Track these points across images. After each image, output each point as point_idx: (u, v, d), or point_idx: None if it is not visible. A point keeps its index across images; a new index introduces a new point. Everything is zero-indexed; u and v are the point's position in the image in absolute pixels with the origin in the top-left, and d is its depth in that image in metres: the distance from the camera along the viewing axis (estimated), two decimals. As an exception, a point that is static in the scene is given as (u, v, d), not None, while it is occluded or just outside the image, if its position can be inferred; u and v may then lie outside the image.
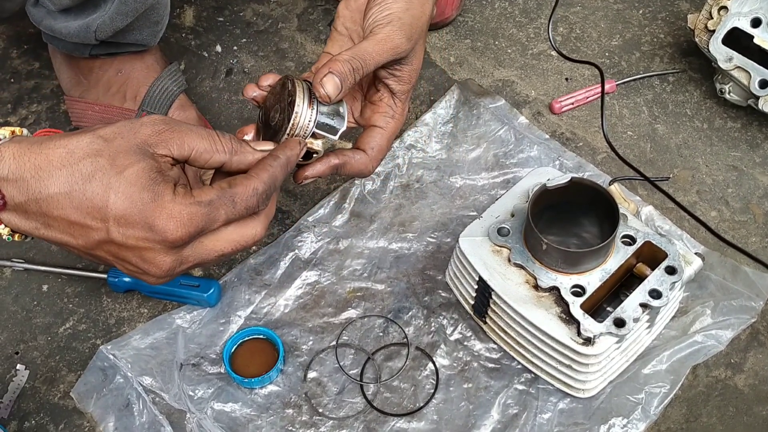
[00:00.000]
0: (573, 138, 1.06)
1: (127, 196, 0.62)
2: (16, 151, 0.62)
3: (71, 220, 0.62)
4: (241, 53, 1.16)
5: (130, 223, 0.62)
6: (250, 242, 0.68)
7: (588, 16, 1.19)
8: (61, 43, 1.00)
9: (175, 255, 0.64)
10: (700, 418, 0.85)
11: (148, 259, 0.64)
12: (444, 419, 0.84)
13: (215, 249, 0.66)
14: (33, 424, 0.86)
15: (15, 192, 0.62)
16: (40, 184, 0.61)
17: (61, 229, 0.63)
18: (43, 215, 0.63)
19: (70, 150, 0.62)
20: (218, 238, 0.66)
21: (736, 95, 1.05)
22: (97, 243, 0.63)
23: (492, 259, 0.83)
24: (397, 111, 0.80)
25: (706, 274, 0.91)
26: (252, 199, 0.66)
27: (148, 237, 0.62)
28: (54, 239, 0.64)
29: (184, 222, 0.63)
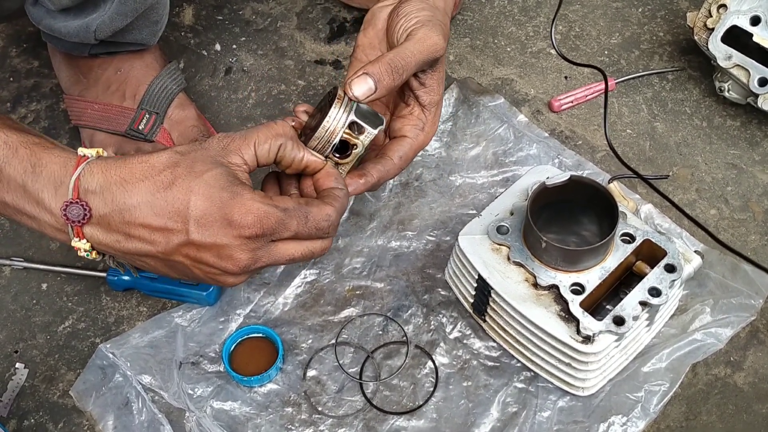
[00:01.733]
0: (572, 136, 1.06)
1: (207, 196, 0.65)
2: (104, 167, 0.66)
3: (153, 226, 0.65)
4: (240, 52, 1.16)
5: (210, 222, 0.65)
6: (318, 252, 0.71)
7: (587, 15, 1.19)
8: (60, 43, 1.00)
9: (251, 252, 0.67)
10: (700, 416, 0.85)
11: (225, 255, 0.66)
12: (443, 417, 0.84)
13: (287, 253, 0.69)
14: (32, 423, 0.86)
15: (100, 204, 0.65)
16: (125, 194, 0.65)
17: (142, 237, 0.66)
18: (125, 225, 0.65)
19: (150, 164, 0.66)
20: (289, 245, 0.69)
21: (735, 93, 1.05)
22: (176, 247, 0.66)
23: (491, 258, 0.83)
24: (428, 124, 0.81)
25: (705, 272, 0.91)
26: (323, 223, 0.70)
27: (227, 233, 0.65)
28: (134, 250, 0.67)
29: (260, 217, 0.66)
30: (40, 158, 0.66)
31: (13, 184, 0.65)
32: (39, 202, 0.65)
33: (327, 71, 1.14)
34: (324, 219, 0.70)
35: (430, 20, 0.77)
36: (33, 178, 0.65)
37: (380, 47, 0.82)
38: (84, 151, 0.67)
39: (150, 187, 0.65)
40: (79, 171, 0.65)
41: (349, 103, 0.74)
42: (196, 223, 0.65)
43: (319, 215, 0.70)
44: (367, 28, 0.82)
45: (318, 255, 0.72)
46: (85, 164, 0.66)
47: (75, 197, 0.65)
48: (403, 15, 0.78)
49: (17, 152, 0.65)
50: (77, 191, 0.65)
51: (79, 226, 0.65)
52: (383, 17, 0.81)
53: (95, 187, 0.65)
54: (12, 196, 0.66)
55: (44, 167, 0.65)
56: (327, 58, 1.15)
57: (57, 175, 0.65)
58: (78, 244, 0.66)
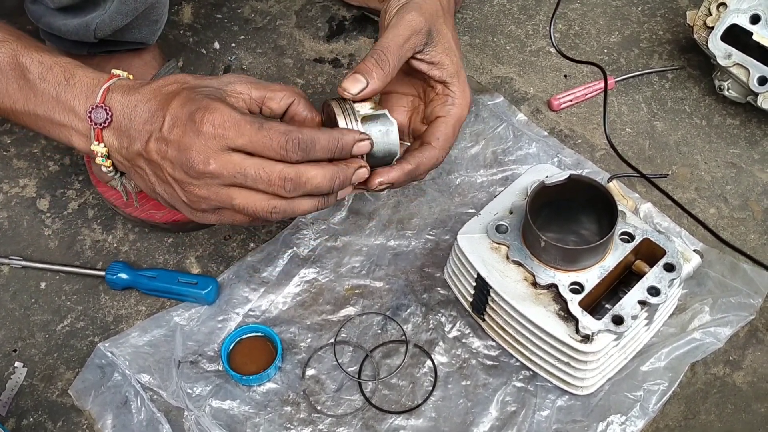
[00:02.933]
0: (572, 135, 1.06)
1: (187, 99, 0.70)
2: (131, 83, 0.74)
3: (143, 125, 0.71)
4: (239, 50, 1.16)
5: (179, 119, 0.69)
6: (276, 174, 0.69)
7: (587, 13, 1.19)
8: (59, 41, 1.00)
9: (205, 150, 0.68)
10: (699, 415, 0.85)
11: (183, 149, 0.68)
12: (442, 416, 0.84)
13: (241, 164, 0.69)
14: (31, 422, 0.86)
15: (119, 109, 0.72)
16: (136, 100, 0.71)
17: (135, 137, 0.71)
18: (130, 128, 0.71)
19: (165, 79, 0.73)
20: (246, 158, 0.69)
21: (734, 92, 1.05)
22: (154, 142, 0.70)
23: (490, 257, 0.83)
24: (457, 97, 0.81)
25: (704, 271, 0.90)
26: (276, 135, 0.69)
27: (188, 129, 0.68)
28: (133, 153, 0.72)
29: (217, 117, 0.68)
30: (73, 74, 0.73)
31: (46, 96, 0.73)
32: (70, 109, 0.73)
33: (326, 69, 1.14)
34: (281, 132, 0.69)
35: (407, 3, 0.78)
36: (66, 89, 0.72)
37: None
38: (117, 71, 0.74)
39: (154, 94, 0.71)
40: (110, 83, 0.72)
41: (350, 110, 0.75)
42: (169, 118, 0.69)
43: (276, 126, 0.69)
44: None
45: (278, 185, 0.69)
46: (117, 80, 0.73)
47: (102, 101, 0.71)
48: (387, 11, 0.79)
49: (52, 70, 0.73)
50: (104, 97, 0.72)
51: (100, 129, 0.72)
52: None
53: (119, 95, 0.72)
54: (44, 107, 0.73)
55: (78, 80, 0.73)
56: (326, 56, 1.15)
57: (89, 86, 0.73)
58: (96, 147, 0.72)
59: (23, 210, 1.00)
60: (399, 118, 0.85)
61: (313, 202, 0.72)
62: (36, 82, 0.73)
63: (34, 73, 0.73)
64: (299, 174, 0.70)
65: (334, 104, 0.75)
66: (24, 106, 0.74)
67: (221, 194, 0.70)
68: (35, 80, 0.73)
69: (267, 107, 0.75)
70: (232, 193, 0.70)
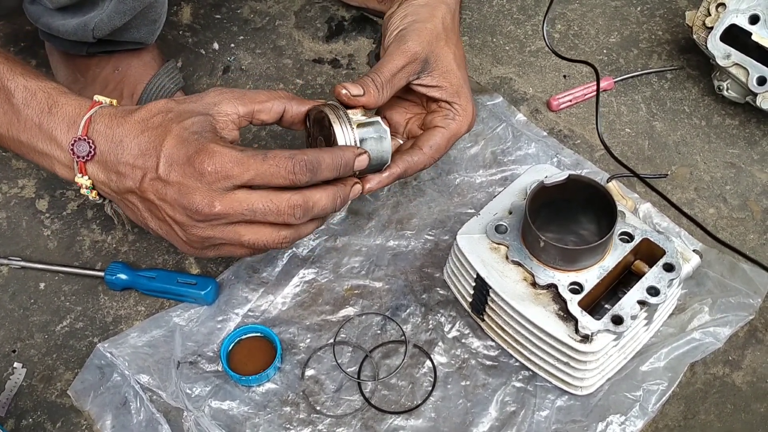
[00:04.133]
0: (571, 135, 1.06)
1: (180, 138, 0.69)
2: (113, 111, 0.72)
3: (133, 163, 0.70)
4: (238, 50, 1.16)
5: (176, 159, 0.68)
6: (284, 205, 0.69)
7: (586, 13, 1.19)
8: (58, 41, 1.00)
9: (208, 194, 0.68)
10: (698, 415, 0.85)
11: (184, 192, 0.68)
12: (442, 417, 0.84)
13: (248, 200, 0.69)
14: (30, 423, 0.86)
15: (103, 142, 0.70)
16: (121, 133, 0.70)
17: (125, 173, 0.70)
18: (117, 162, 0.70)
19: (148, 108, 0.72)
20: (251, 193, 0.69)
21: (734, 92, 1.05)
22: (149, 182, 0.69)
23: (490, 257, 0.83)
24: (458, 114, 0.83)
25: (704, 271, 0.90)
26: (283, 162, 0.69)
27: (188, 171, 0.68)
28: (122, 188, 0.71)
29: (216, 159, 0.68)
30: (56, 101, 0.72)
31: (29, 123, 0.71)
32: (52, 139, 0.71)
33: (325, 70, 1.14)
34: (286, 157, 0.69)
35: (405, 27, 0.79)
36: (49, 117, 0.71)
37: None
38: (99, 97, 0.73)
39: (141, 127, 0.70)
40: (92, 112, 0.71)
41: (345, 116, 0.75)
42: (165, 159, 0.68)
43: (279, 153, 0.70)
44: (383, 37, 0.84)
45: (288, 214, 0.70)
46: (99, 107, 0.72)
47: (84, 134, 0.70)
48: (388, 28, 0.80)
49: (35, 95, 0.71)
50: (86, 129, 0.70)
51: (83, 162, 0.70)
52: None
53: (102, 127, 0.70)
54: (28, 134, 0.72)
55: (60, 108, 0.71)
56: (325, 57, 1.15)
57: (71, 116, 0.71)
58: (81, 180, 0.71)
59: (22, 210, 1.00)
60: (397, 118, 0.86)
61: (316, 224, 0.75)
62: (20, 108, 0.71)
63: (18, 98, 0.71)
64: (306, 200, 0.71)
65: (328, 110, 0.75)
66: (8, 131, 0.72)
67: (227, 233, 0.70)
68: (19, 105, 0.71)
69: (258, 120, 0.75)
70: (239, 230, 0.70)
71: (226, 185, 0.68)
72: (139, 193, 0.70)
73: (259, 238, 0.71)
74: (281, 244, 0.72)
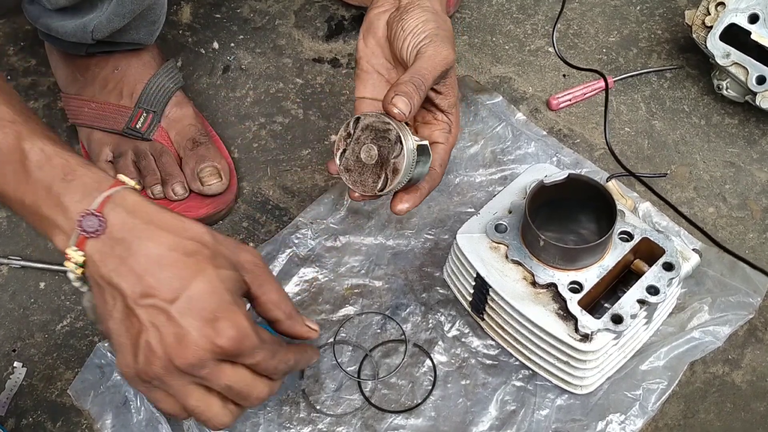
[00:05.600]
0: (570, 134, 1.06)
1: (213, 287, 0.64)
2: (138, 199, 0.66)
3: (149, 274, 0.63)
4: (238, 50, 1.16)
5: (198, 308, 0.63)
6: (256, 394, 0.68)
7: (585, 13, 1.19)
8: (57, 42, 1.00)
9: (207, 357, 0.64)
10: (698, 414, 0.85)
11: (182, 342, 0.63)
12: (442, 416, 0.84)
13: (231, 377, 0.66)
14: (30, 422, 0.86)
15: (117, 228, 0.64)
16: (144, 233, 0.64)
17: (129, 276, 0.63)
18: (126, 257, 0.63)
19: (183, 225, 0.65)
20: (236, 371, 0.66)
21: (733, 91, 1.05)
22: (152, 302, 0.63)
23: (489, 256, 0.83)
24: (453, 125, 0.83)
25: (703, 271, 0.91)
26: (281, 366, 0.69)
27: (202, 327, 0.63)
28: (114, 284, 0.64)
29: (241, 336, 0.64)
30: (74, 170, 0.66)
31: (38, 186, 0.65)
32: (59, 204, 0.65)
33: (325, 69, 1.14)
34: (284, 361, 0.70)
35: (437, 34, 0.77)
36: (62, 184, 0.65)
37: (384, 55, 0.82)
38: (124, 177, 0.67)
39: (171, 243, 0.64)
40: (114, 191, 0.65)
41: (409, 135, 0.75)
42: (186, 300, 0.63)
43: (284, 356, 0.70)
44: (367, 37, 0.82)
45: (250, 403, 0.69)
46: (122, 188, 0.66)
47: (99, 210, 0.64)
48: (410, 31, 0.77)
49: (51, 161, 0.66)
50: (102, 206, 0.64)
51: (86, 237, 0.64)
52: (382, 25, 0.81)
53: (122, 213, 0.64)
54: (33, 197, 0.66)
55: (77, 178, 0.65)
56: (325, 56, 1.15)
57: (88, 188, 0.65)
58: (72, 253, 0.64)
59: (22, 210, 1.00)
60: None
61: None
62: (32, 170, 0.65)
63: (32, 160, 0.65)
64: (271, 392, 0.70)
65: (395, 125, 0.74)
66: (14, 192, 0.66)
67: (181, 389, 0.66)
68: (32, 167, 0.65)
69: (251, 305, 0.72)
70: (193, 392, 0.66)
71: (225, 356, 0.65)
72: (129, 303, 0.64)
73: (204, 410, 0.67)
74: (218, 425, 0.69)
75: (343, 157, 0.76)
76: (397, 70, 0.82)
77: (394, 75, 0.82)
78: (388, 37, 0.81)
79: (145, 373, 0.65)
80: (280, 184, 1.03)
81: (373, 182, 0.76)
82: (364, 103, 0.82)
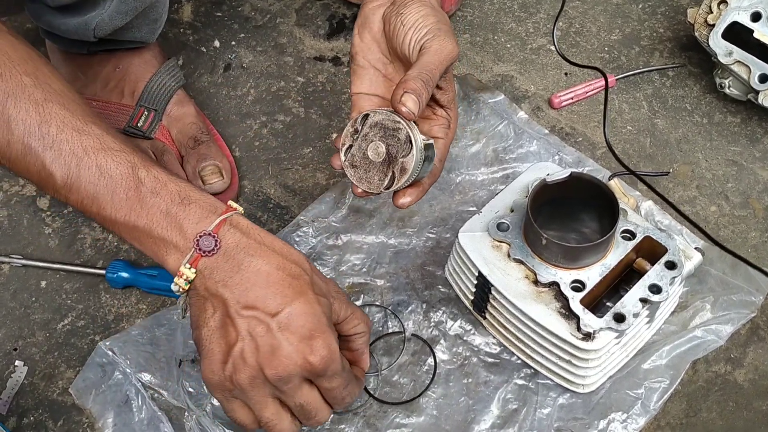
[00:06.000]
0: (572, 133, 1.06)
1: (313, 309, 0.68)
2: (249, 223, 0.71)
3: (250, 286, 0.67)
4: (239, 48, 1.16)
5: (297, 325, 0.67)
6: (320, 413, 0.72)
7: (587, 11, 1.19)
8: (59, 40, 1.00)
9: (296, 372, 0.68)
10: (700, 413, 0.85)
11: (279, 355, 0.67)
12: (443, 414, 0.84)
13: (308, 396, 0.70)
14: (32, 421, 0.86)
15: (231, 247, 0.68)
16: (255, 252, 0.68)
17: (235, 289, 0.67)
18: (233, 272, 0.68)
19: (290, 250, 0.71)
20: (312, 391, 0.71)
21: (735, 90, 1.05)
22: (254, 314, 0.67)
23: (491, 255, 0.83)
24: (452, 119, 0.83)
25: (705, 269, 0.90)
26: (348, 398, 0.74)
27: (298, 343, 0.67)
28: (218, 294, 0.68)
29: (331, 357, 0.68)
30: (189, 195, 0.69)
31: (154, 210, 0.68)
32: (177, 226, 0.68)
33: (326, 68, 1.14)
34: (351, 394, 0.74)
35: (439, 28, 0.77)
36: (180, 207, 0.68)
37: (380, 50, 0.81)
38: (233, 204, 0.71)
39: (278, 263, 0.68)
40: (229, 215, 0.69)
41: (417, 135, 0.75)
42: (288, 314, 0.67)
43: (354, 388, 0.74)
44: (363, 32, 0.81)
45: (311, 423, 0.73)
46: (235, 213, 0.70)
47: (215, 231, 0.68)
48: (411, 26, 0.77)
49: (167, 186, 0.69)
50: (219, 228, 0.68)
51: (201, 256, 0.67)
52: (377, 19, 0.81)
53: (237, 234, 0.69)
54: (147, 220, 0.68)
55: (193, 202, 0.69)
56: (326, 54, 1.15)
57: (204, 211, 0.69)
58: (186, 271, 0.68)
59: (23, 209, 1.00)
60: None
61: None
62: (146, 196, 0.69)
63: (147, 186, 0.69)
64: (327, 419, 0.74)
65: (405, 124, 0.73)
66: (125, 217, 0.69)
67: (261, 400, 0.70)
68: (146, 193, 0.69)
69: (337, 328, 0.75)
70: (270, 405, 0.70)
71: (308, 375, 0.69)
72: (229, 313, 0.68)
73: (277, 423, 0.71)
74: None
75: (349, 152, 0.76)
76: (394, 65, 0.82)
77: (391, 70, 0.82)
78: (385, 31, 0.80)
79: (230, 380, 0.68)
80: (282, 182, 1.03)
81: (380, 180, 0.75)
82: (361, 98, 0.81)
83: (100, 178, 0.68)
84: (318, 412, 0.72)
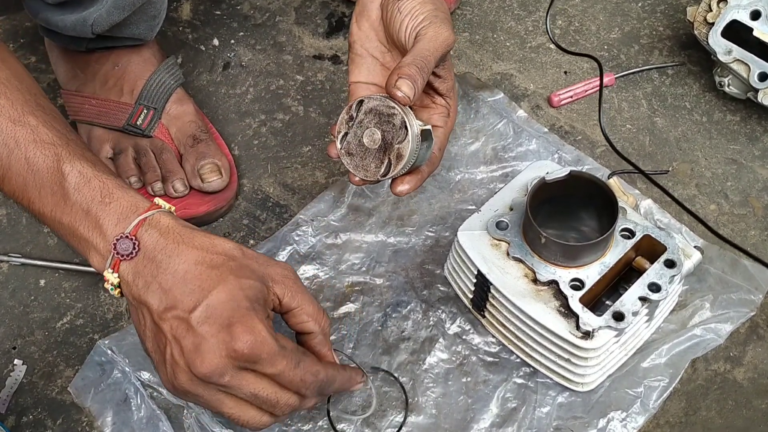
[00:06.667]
0: (572, 131, 1.06)
1: (231, 295, 0.65)
2: (172, 222, 0.68)
3: (168, 288, 0.66)
4: (238, 47, 1.16)
5: (215, 315, 0.65)
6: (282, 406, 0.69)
7: (587, 9, 1.19)
8: (57, 37, 1.00)
9: (224, 363, 0.65)
10: (699, 411, 0.85)
11: (201, 350, 0.64)
12: (443, 413, 0.84)
13: (252, 385, 0.67)
14: (31, 419, 0.86)
15: (149, 249, 0.66)
16: (173, 251, 0.66)
17: (157, 292, 0.66)
18: (154, 276, 0.66)
19: (212, 242, 0.68)
20: (260, 379, 0.67)
21: (735, 88, 1.05)
22: (175, 315, 0.65)
23: (491, 253, 0.83)
24: (451, 108, 0.82)
25: (705, 268, 0.90)
26: (308, 377, 0.69)
27: (219, 334, 0.64)
28: (143, 300, 0.67)
29: (255, 343, 0.65)
30: (111, 192, 0.68)
31: (76, 207, 0.67)
32: (97, 227, 0.67)
33: (325, 66, 1.14)
34: (312, 373, 0.69)
35: (436, 15, 0.76)
36: (100, 207, 0.67)
37: (378, 38, 0.81)
38: (160, 201, 0.70)
39: (197, 258, 0.66)
40: (149, 214, 0.67)
41: (413, 119, 0.74)
42: (205, 308, 0.65)
43: (310, 369, 0.69)
44: (361, 20, 0.81)
45: (280, 410, 0.69)
46: (157, 211, 0.68)
47: (133, 233, 0.66)
48: (407, 13, 0.76)
49: (90, 182, 0.68)
50: (137, 229, 0.66)
51: (120, 260, 0.66)
52: (375, 8, 0.80)
53: (155, 235, 0.67)
54: (71, 217, 0.67)
55: (114, 201, 0.67)
56: (325, 53, 1.15)
57: (124, 211, 0.67)
58: (109, 276, 0.67)
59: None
60: None
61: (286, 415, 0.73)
62: (70, 192, 0.67)
63: (70, 182, 0.67)
64: (303, 405, 0.71)
65: (400, 109, 0.72)
66: (52, 212, 0.69)
67: (213, 398, 0.68)
68: (70, 189, 0.67)
69: (284, 318, 0.73)
70: (225, 401, 0.68)
71: (245, 366, 0.66)
72: (155, 318, 0.66)
73: (241, 416, 0.69)
74: (259, 427, 0.71)
75: (345, 140, 0.75)
76: (392, 54, 0.81)
77: (389, 58, 0.81)
78: (382, 19, 0.79)
79: (175, 387, 0.67)
80: (281, 181, 1.03)
81: (376, 167, 0.74)
82: (360, 87, 0.81)
83: (28, 171, 0.67)
84: (279, 396, 0.68)
